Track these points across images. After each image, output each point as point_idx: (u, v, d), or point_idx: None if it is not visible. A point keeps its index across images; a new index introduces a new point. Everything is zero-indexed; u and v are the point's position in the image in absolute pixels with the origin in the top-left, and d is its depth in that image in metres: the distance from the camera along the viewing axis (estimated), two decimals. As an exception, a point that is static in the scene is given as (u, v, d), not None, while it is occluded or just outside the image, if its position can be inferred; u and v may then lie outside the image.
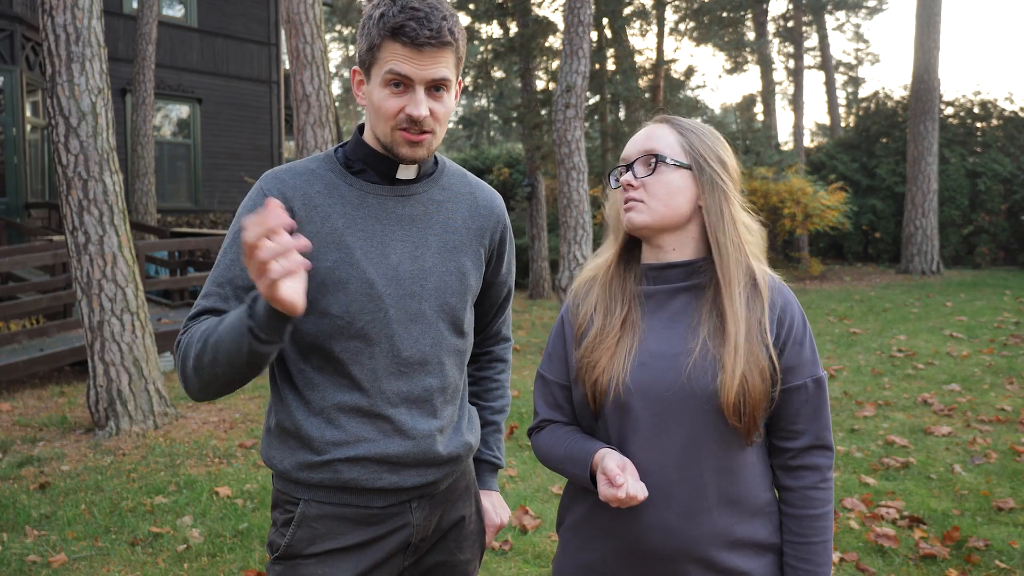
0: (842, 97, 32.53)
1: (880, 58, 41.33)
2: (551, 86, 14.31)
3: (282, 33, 15.80)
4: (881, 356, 7.48)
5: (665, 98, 14.29)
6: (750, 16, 18.03)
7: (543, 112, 13.62)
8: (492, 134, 35.15)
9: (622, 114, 14.71)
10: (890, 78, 66.06)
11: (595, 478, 1.29)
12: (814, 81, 42.40)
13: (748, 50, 19.39)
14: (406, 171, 1.42)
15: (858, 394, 6.07)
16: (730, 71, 22.37)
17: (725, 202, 1.32)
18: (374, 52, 1.32)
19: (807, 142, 25.03)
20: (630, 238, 1.41)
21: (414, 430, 1.40)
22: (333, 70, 36.96)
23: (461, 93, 1.46)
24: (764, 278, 1.31)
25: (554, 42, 14.23)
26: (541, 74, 15.03)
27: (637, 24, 15.38)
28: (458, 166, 1.56)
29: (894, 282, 13.74)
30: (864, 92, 32.60)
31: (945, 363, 7.04)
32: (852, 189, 16.69)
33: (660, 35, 16.03)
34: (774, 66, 20.60)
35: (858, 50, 32.65)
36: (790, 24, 20.22)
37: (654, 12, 15.34)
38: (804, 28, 20.69)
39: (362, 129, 1.44)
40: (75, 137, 5.10)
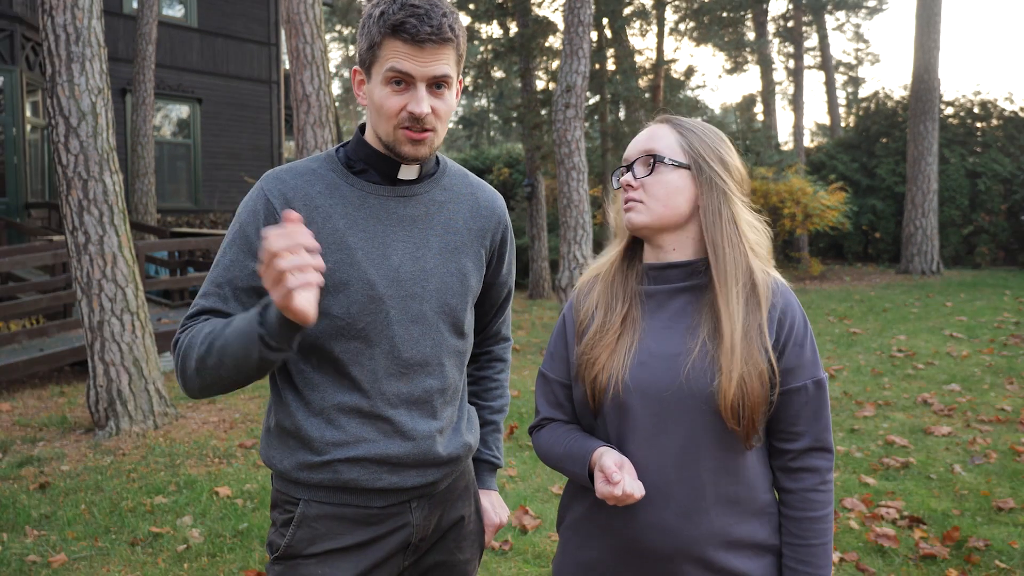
0: (842, 97, 32.55)
1: (880, 58, 41.38)
2: (551, 86, 14.31)
3: (282, 33, 15.79)
4: (881, 356, 7.48)
5: (665, 98, 14.27)
6: (750, 16, 18.02)
7: (543, 112, 13.61)
8: (492, 134, 35.14)
9: (622, 114, 14.69)
10: (890, 78, 66.14)
11: (593, 476, 1.29)
12: (814, 81, 42.47)
13: (748, 50, 19.38)
14: (408, 171, 1.42)
15: (858, 394, 6.07)
16: (730, 71, 22.36)
17: (724, 202, 1.31)
18: (375, 50, 1.32)
19: (807, 142, 25.04)
20: (634, 237, 1.41)
21: (414, 431, 1.40)
22: (333, 70, 36.95)
23: (461, 93, 1.46)
24: (764, 279, 1.30)
25: (554, 42, 14.22)
26: (541, 74, 15.02)
27: (637, 24, 15.36)
28: (459, 166, 1.55)
29: (894, 282, 13.74)
30: (864, 92, 32.64)
31: (945, 363, 7.04)
32: (852, 189, 16.69)
33: (660, 35, 16.02)
34: (774, 66, 20.60)
35: (858, 50, 32.69)
36: (790, 24, 20.22)
37: (654, 12, 15.32)
38: (804, 28, 20.69)
39: (363, 129, 1.44)
40: (75, 137, 5.10)
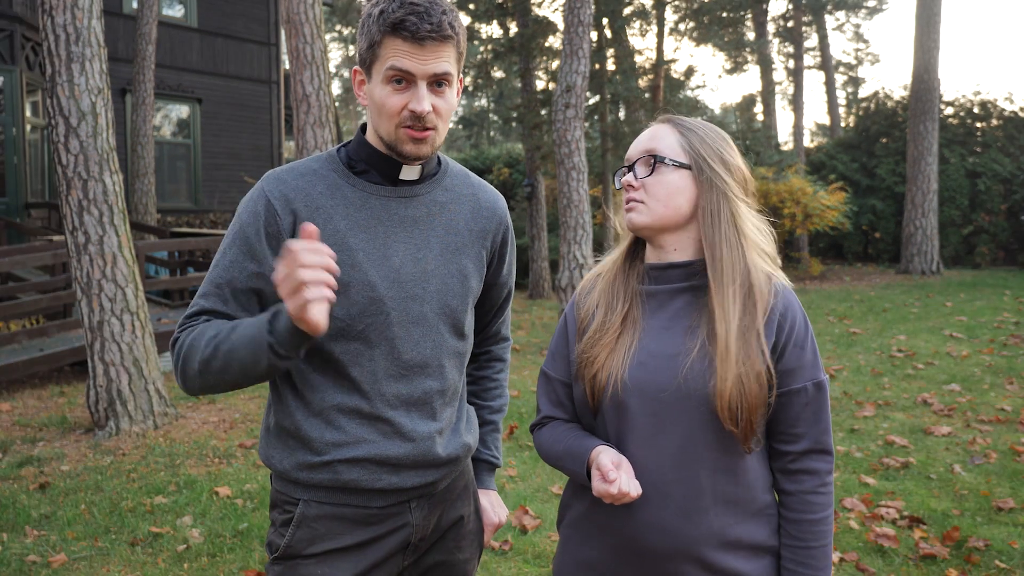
0: (842, 97, 32.55)
1: (880, 58, 41.39)
2: (551, 86, 14.30)
3: (282, 33, 15.79)
4: (881, 356, 7.48)
5: (665, 98, 14.27)
6: (750, 16, 18.02)
7: (543, 112, 13.61)
8: (492, 134, 35.14)
9: (622, 114, 14.69)
10: (890, 78, 66.15)
11: (592, 474, 1.29)
12: (814, 81, 42.49)
13: (748, 50, 19.38)
14: (409, 172, 1.42)
15: (858, 394, 6.07)
16: (730, 71, 22.37)
17: (724, 203, 1.31)
18: (375, 49, 1.31)
19: (807, 142, 25.05)
20: (637, 237, 1.42)
21: (413, 432, 1.40)
22: (333, 70, 36.96)
23: (461, 93, 1.45)
24: (763, 280, 1.29)
25: (554, 42, 14.22)
26: (541, 74, 15.02)
27: (637, 24, 15.36)
28: (461, 166, 1.55)
29: (894, 282, 13.73)
30: (864, 92, 32.64)
31: (945, 363, 7.04)
32: (852, 189, 16.69)
33: (660, 35, 16.02)
34: (774, 66, 20.60)
35: (858, 50, 32.69)
36: (790, 24, 20.22)
37: (654, 12, 15.32)
38: (804, 28, 20.70)
39: (365, 129, 1.43)
40: (75, 137, 5.10)
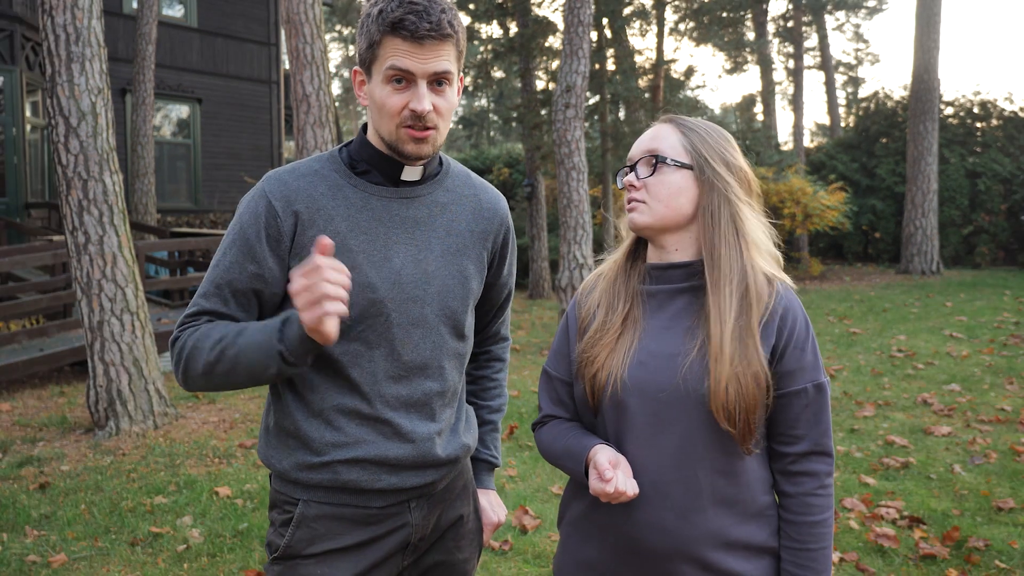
0: (842, 97, 32.55)
1: (880, 58, 41.44)
2: (551, 86, 14.30)
3: (282, 33, 15.79)
4: (881, 356, 7.48)
5: (665, 98, 14.26)
6: (750, 16, 18.01)
7: (543, 112, 13.61)
8: (492, 134, 35.13)
9: (622, 114, 14.68)
10: (890, 78, 66.15)
11: (589, 473, 1.29)
12: (814, 81, 42.48)
13: (748, 50, 19.37)
14: (411, 173, 1.41)
15: (858, 394, 6.07)
16: (730, 71, 22.35)
17: (725, 203, 1.31)
18: (374, 49, 1.31)
19: (807, 142, 25.05)
20: (639, 237, 1.42)
21: (413, 433, 1.40)
22: (333, 70, 36.95)
23: (461, 93, 1.45)
24: (762, 281, 1.29)
25: (554, 42, 14.21)
26: (541, 74, 15.01)
27: (637, 24, 15.34)
28: (462, 167, 1.55)
29: (894, 282, 13.73)
30: (864, 92, 32.64)
31: (945, 363, 7.04)
32: (852, 189, 16.68)
33: (660, 35, 16.00)
34: (774, 66, 20.60)
35: (858, 50, 32.69)
36: (790, 24, 20.22)
37: (654, 12, 15.30)
38: (804, 28, 20.70)
39: (366, 129, 1.43)
40: (75, 137, 5.10)
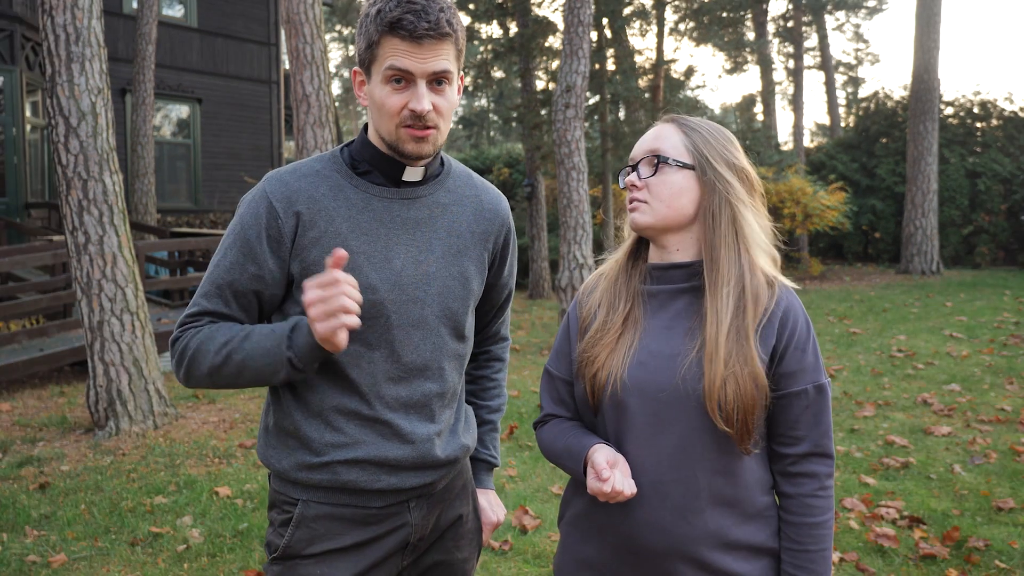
0: (842, 97, 32.55)
1: (880, 58, 41.46)
2: (551, 86, 14.30)
3: (282, 33, 15.79)
4: (881, 356, 7.48)
5: (665, 98, 14.26)
6: (750, 16, 18.01)
7: (543, 112, 13.60)
8: (492, 134, 35.13)
9: (622, 114, 14.68)
10: (890, 78, 66.14)
11: (587, 472, 1.29)
12: (814, 81, 42.48)
13: (748, 50, 19.37)
14: (412, 173, 1.41)
15: (858, 394, 6.07)
16: (730, 71, 22.36)
17: (726, 204, 1.30)
18: (373, 49, 1.31)
19: (807, 142, 25.05)
20: (640, 237, 1.41)
21: (412, 434, 1.40)
22: (333, 70, 36.95)
23: (462, 92, 1.45)
24: (762, 283, 1.29)
25: (554, 42, 14.21)
26: (541, 74, 15.01)
27: (637, 24, 15.33)
28: (464, 167, 1.54)
29: (894, 282, 13.73)
30: (864, 92, 32.63)
31: (945, 363, 7.04)
32: (852, 189, 16.68)
33: (660, 35, 16.00)
34: (774, 66, 20.61)
35: (858, 50, 32.70)
36: (790, 24, 20.23)
37: (654, 12, 15.30)
38: (804, 28, 20.70)
39: (367, 129, 1.43)
40: (75, 137, 5.10)
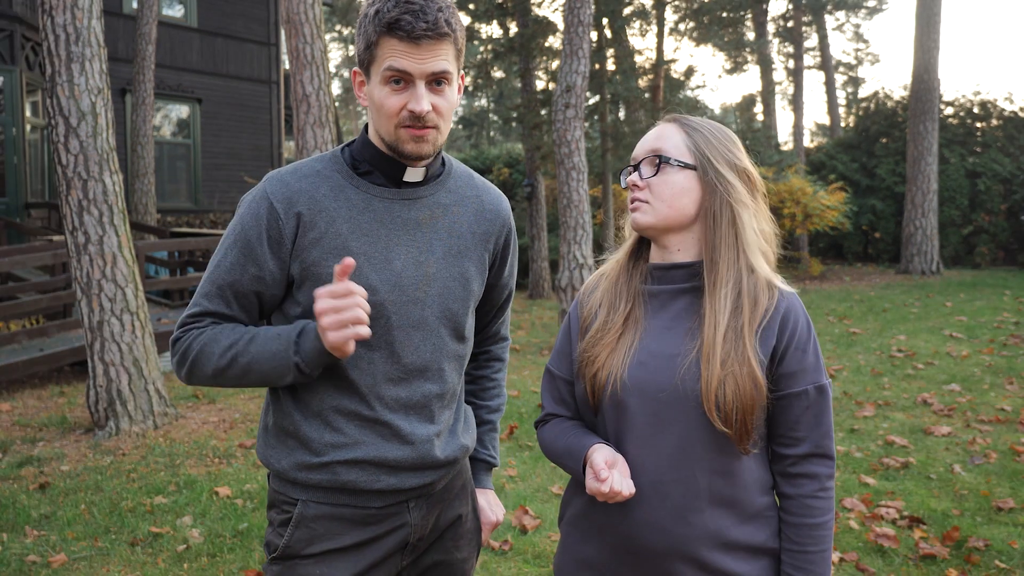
0: (842, 97, 32.54)
1: (880, 58, 41.47)
2: (551, 86, 14.30)
3: (282, 33, 15.79)
4: (881, 356, 7.48)
5: (665, 98, 14.26)
6: (750, 16, 18.01)
7: (543, 112, 13.60)
8: (492, 134, 35.12)
9: (622, 114, 14.68)
10: (890, 78, 66.14)
11: (586, 472, 1.29)
12: (814, 81, 42.50)
13: (748, 50, 19.37)
14: (413, 174, 1.41)
15: (858, 394, 6.07)
16: (730, 71, 22.36)
17: (727, 204, 1.30)
18: (372, 50, 1.31)
19: (807, 142, 25.04)
20: (641, 236, 1.41)
21: (412, 435, 1.40)
22: (333, 70, 36.95)
23: (462, 92, 1.44)
24: (762, 283, 1.29)
25: (554, 42, 14.21)
26: (541, 74, 15.00)
27: (637, 24, 15.33)
28: (465, 167, 1.54)
29: (894, 282, 13.73)
30: (864, 92, 32.63)
31: (945, 363, 7.04)
32: (852, 189, 16.68)
33: (660, 35, 16.00)
34: (774, 66, 20.61)
35: (858, 50, 32.69)
36: (790, 24, 20.22)
37: (654, 12, 15.30)
38: (804, 28, 20.69)
39: (368, 129, 1.43)
40: (75, 137, 5.10)
